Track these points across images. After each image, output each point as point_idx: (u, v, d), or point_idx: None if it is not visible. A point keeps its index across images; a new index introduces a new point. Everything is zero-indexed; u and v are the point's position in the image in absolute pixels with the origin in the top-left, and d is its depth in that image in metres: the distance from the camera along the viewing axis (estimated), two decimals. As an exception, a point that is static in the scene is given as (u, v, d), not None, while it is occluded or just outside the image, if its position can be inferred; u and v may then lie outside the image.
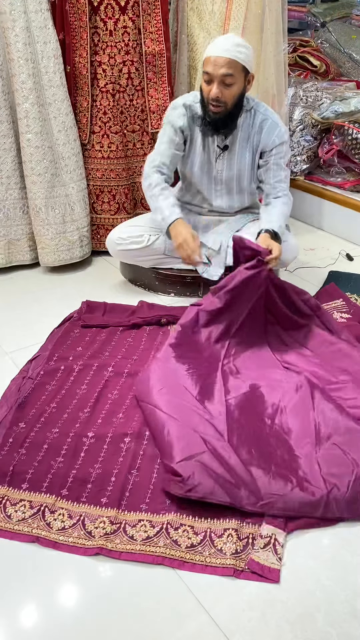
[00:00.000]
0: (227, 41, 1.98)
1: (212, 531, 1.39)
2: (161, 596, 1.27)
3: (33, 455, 1.57)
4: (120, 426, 1.67)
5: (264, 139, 2.16)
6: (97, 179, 2.71)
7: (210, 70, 1.98)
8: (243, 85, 2.04)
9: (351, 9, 4.39)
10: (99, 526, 1.39)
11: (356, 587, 1.30)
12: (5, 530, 1.39)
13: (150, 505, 1.44)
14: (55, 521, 1.41)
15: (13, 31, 2.30)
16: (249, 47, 2.01)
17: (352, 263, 2.85)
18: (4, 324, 2.30)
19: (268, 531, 1.38)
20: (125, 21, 2.46)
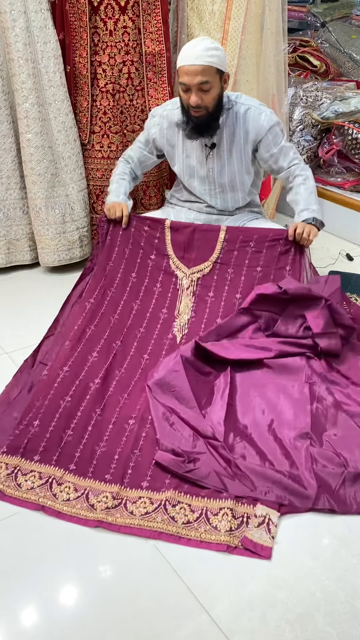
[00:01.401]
0: (196, 47, 1.98)
1: (208, 509, 1.45)
2: (161, 596, 1.27)
3: (45, 427, 1.65)
4: (125, 408, 1.74)
5: (252, 128, 2.16)
6: (97, 179, 2.71)
7: (186, 81, 2.00)
8: (220, 86, 2.05)
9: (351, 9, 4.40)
10: (101, 500, 1.47)
11: (356, 587, 1.30)
12: (15, 498, 1.49)
13: (150, 483, 1.52)
14: (61, 493, 1.49)
15: (13, 31, 2.30)
16: (219, 48, 2.01)
17: (352, 263, 2.86)
18: (4, 324, 2.30)
19: (262, 511, 1.44)
20: (125, 21, 2.46)
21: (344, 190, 3.20)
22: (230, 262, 2.13)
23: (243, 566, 1.34)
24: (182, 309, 2.11)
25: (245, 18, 2.59)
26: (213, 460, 1.55)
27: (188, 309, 2.10)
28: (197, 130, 2.12)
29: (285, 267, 2.08)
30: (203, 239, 2.17)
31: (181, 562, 1.35)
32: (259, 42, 2.69)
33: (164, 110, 2.25)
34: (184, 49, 2.01)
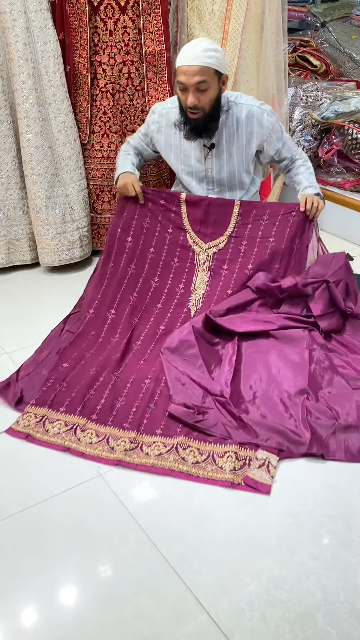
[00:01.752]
0: (195, 48, 1.98)
1: (214, 453, 1.64)
2: (161, 596, 1.27)
3: (71, 389, 1.85)
4: (142, 371, 1.93)
5: (257, 129, 2.17)
6: (97, 179, 2.71)
7: (183, 80, 2.00)
8: (218, 88, 2.05)
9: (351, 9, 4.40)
10: (120, 444, 1.66)
11: (356, 587, 1.30)
12: (43, 441, 1.68)
13: (164, 430, 1.71)
14: (84, 437, 1.69)
15: (13, 31, 2.30)
16: (219, 49, 2.01)
17: (352, 263, 2.85)
18: (4, 324, 2.30)
19: (263, 455, 1.62)
20: (125, 21, 2.46)
21: (344, 190, 3.20)
22: (244, 234, 2.22)
23: (243, 566, 1.34)
24: (197, 284, 2.22)
25: (245, 18, 2.59)
26: (220, 414, 1.73)
27: (203, 284, 2.22)
28: (194, 131, 2.13)
29: (295, 239, 2.17)
30: (218, 213, 2.24)
31: (181, 562, 1.35)
32: (259, 42, 2.69)
33: (163, 109, 2.26)
34: (184, 49, 2.01)
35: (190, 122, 2.10)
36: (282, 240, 2.17)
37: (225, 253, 2.22)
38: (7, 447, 1.69)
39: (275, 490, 1.55)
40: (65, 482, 1.57)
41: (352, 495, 1.54)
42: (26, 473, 1.60)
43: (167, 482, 1.57)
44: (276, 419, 1.73)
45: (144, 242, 2.27)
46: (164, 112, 2.25)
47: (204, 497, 1.53)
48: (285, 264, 2.17)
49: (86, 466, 1.62)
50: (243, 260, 2.19)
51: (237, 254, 2.21)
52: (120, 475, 1.59)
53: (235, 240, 2.22)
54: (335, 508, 1.50)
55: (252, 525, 1.45)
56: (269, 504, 1.51)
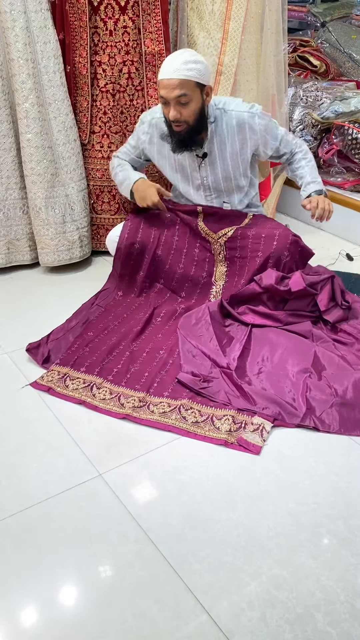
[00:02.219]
0: (175, 61, 1.95)
1: (214, 415, 1.79)
2: (161, 596, 1.27)
3: (93, 353, 2.04)
4: (158, 343, 2.11)
5: (251, 134, 2.15)
6: (97, 179, 2.71)
7: (163, 94, 1.99)
8: (201, 100, 2.03)
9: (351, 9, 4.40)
10: (130, 402, 1.83)
11: (356, 587, 1.30)
12: (62, 394, 1.87)
13: (171, 394, 1.86)
14: (99, 394, 1.87)
15: (13, 31, 2.30)
16: (200, 61, 1.98)
17: (352, 263, 2.86)
18: (4, 324, 2.30)
19: (258, 421, 1.76)
20: (125, 21, 2.46)
21: (344, 190, 3.20)
22: (253, 226, 2.29)
23: (243, 566, 1.34)
24: (218, 277, 2.33)
25: (245, 18, 2.58)
26: (224, 383, 1.89)
27: (223, 275, 2.32)
28: (181, 144, 2.11)
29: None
30: (231, 219, 2.34)
31: (181, 562, 1.35)
32: (259, 42, 2.69)
33: (152, 118, 2.23)
34: (165, 61, 1.99)
35: (176, 135, 2.08)
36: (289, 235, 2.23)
37: (235, 240, 2.27)
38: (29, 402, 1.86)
39: (275, 490, 1.55)
40: (65, 482, 1.57)
41: (352, 495, 1.54)
42: (26, 473, 1.60)
43: (167, 482, 1.57)
44: (276, 393, 1.86)
45: (167, 232, 2.34)
46: (154, 123, 2.23)
47: (204, 497, 1.53)
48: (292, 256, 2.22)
49: (86, 466, 1.62)
50: (252, 245, 2.25)
51: (246, 240, 2.25)
52: (120, 475, 1.59)
53: (242, 230, 2.27)
54: (335, 508, 1.50)
55: (252, 525, 1.45)
56: (269, 504, 1.51)
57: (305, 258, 2.27)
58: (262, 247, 2.20)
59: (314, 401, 1.83)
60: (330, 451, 1.69)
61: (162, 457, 1.66)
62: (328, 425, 1.76)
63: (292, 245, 2.20)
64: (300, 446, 1.70)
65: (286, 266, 2.20)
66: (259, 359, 2.02)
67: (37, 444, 1.70)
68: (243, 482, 1.57)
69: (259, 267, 2.21)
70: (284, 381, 1.91)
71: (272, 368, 1.98)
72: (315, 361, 1.98)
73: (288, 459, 1.65)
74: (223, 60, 2.61)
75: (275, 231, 2.21)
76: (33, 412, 1.83)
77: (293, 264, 2.22)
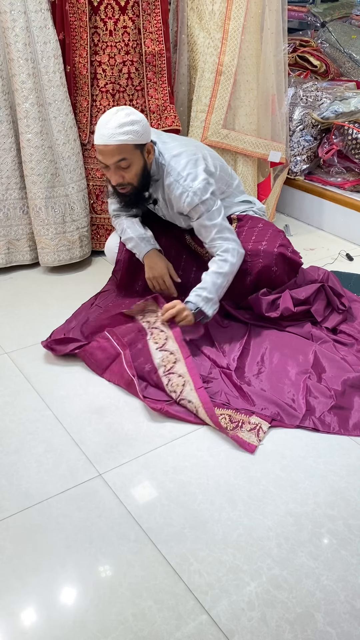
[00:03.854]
0: (108, 125, 1.85)
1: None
2: (161, 596, 1.27)
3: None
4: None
5: (175, 203, 2.06)
6: (97, 179, 2.71)
7: (102, 160, 1.90)
8: (142, 160, 1.94)
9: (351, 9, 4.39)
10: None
11: (356, 587, 1.30)
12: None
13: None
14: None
15: (13, 31, 2.30)
16: (137, 121, 1.87)
17: (352, 263, 2.86)
18: (4, 324, 2.30)
19: (256, 420, 1.77)
20: (125, 21, 2.46)
21: (344, 190, 3.20)
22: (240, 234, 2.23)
23: (243, 566, 1.34)
24: None
25: (245, 18, 2.58)
26: (223, 384, 1.90)
27: None
28: (129, 205, 2.06)
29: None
30: None
31: (181, 562, 1.35)
32: (259, 42, 2.69)
33: None
34: (98, 123, 1.89)
35: (122, 197, 2.03)
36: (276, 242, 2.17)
37: None
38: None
39: (275, 490, 1.55)
40: (65, 482, 1.57)
41: (352, 495, 1.54)
42: (26, 473, 1.60)
43: (167, 482, 1.57)
44: (275, 393, 1.87)
45: (165, 240, 2.29)
46: None
47: (205, 497, 1.53)
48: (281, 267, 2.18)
49: (86, 466, 1.62)
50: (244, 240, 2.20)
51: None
52: (120, 475, 1.59)
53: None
54: (335, 508, 1.50)
55: (252, 525, 1.45)
56: (269, 504, 1.51)
57: (295, 268, 2.22)
58: (250, 264, 2.15)
59: (314, 402, 1.83)
60: (330, 451, 1.69)
61: (162, 457, 1.65)
62: (328, 425, 1.77)
63: (279, 259, 2.15)
64: (300, 446, 1.70)
65: (277, 279, 2.19)
66: (259, 359, 2.03)
67: (37, 444, 1.70)
68: (243, 482, 1.57)
69: (252, 284, 2.19)
70: (284, 382, 1.91)
71: (271, 369, 1.98)
72: (315, 362, 1.99)
73: (288, 459, 1.65)
74: (223, 60, 2.61)
75: (260, 247, 2.15)
76: (33, 412, 1.83)
77: (284, 276, 2.20)
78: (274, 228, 2.26)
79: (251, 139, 2.78)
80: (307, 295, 2.17)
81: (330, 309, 2.23)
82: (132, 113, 1.89)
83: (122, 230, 2.23)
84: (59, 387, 1.93)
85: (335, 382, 1.89)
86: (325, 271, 2.29)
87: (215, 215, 2.04)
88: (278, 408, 1.81)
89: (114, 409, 1.84)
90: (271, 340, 2.11)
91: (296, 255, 2.21)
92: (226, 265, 2.03)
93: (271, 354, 2.04)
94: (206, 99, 2.66)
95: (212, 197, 2.02)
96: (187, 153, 2.04)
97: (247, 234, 2.22)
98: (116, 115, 1.87)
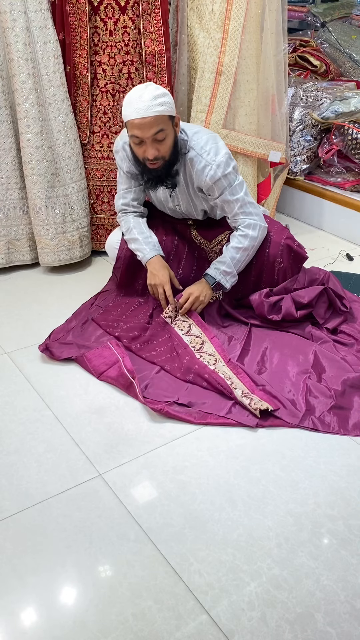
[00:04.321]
0: (143, 98, 1.85)
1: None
2: (161, 596, 1.27)
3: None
4: (158, 343, 2.10)
5: (196, 178, 2.06)
6: (97, 179, 2.71)
7: (138, 134, 1.88)
8: (174, 133, 1.95)
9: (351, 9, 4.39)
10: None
11: (356, 587, 1.30)
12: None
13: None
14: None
15: (13, 31, 2.30)
16: (166, 93, 1.90)
17: (352, 263, 2.86)
18: (4, 324, 2.30)
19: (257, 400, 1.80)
20: (125, 21, 2.46)
21: (344, 190, 3.20)
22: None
23: (243, 566, 1.34)
24: None
25: (245, 18, 2.58)
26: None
27: None
28: (156, 181, 2.04)
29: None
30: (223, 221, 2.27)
31: (181, 562, 1.35)
32: (259, 42, 2.69)
33: (124, 143, 2.10)
34: (129, 100, 1.88)
35: (151, 173, 2.00)
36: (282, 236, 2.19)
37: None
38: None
39: (275, 490, 1.55)
40: (65, 482, 1.57)
41: (352, 495, 1.54)
42: (26, 473, 1.60)
43: (167, 482, 1.57)
44: (277, 391, 1.87)
45: (167, 238, 2.31)
46: (127, 149, 2.10)
47: (205, 497, 1.53)
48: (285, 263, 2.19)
49: (86, 466, 1.62)
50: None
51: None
52: (120, 475, 1.59)
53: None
54: (335, 508, 1.50)
55: (252, 525, 1.45)
56: (269, 504, 1.51)
57: (299, 262, 2.22)
58: (257, 253, 2.17)
59: (314, 402, 1.84)
60: (330, 451, 1.69)
61: (162, 457, 1.66)
62: (328, 425, 1.77)
63: (285, 250, 2.15)
64: (300, 446, 1.71)
65: (280, 271, 2.19)
66: (259, 359, 2.03)
67: (37, 444, 1.70)
68: (243, 482, 1.57)
69: (255, 274, 2.20)
70: (284, 382, 1.92)
71: (271, 369, 1.98)
72: (315, 362, 1.99)
73: (288, 459, 1.65)
74: (223, 60, 2.61)
75: (268, 236, 2.17)
76: (33, 412, 1.83)
77: (288, 269, 2.20)
78: (279, 224, 2.28)
79: (251, 139, 2.78)
80: (310, 299, 2.16)
81: (331, 311, 2.23)
82: (159, 87, 1.92)
83: (127, 228, 2.23)
84: (59, 387, 1.94)
85: (335, 382, 1.89)
86: (326, 272, 2.29)
87: (238, 190, 2.06)
88: (280, 404, 1.82)
89: (114, 409, 1.84)
90: (271, 340, 2.11)
91: (302, 249, 2.22)
92: (246, 240, 2.09)
93: (271, 354, 2.04)
94: (206, 99, 2.66)
95: (233, 172, 2.05)
96: (205, 131, 2.09)
97: None
98: (147, 89, 1.89)
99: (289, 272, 2.20)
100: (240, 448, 1.69)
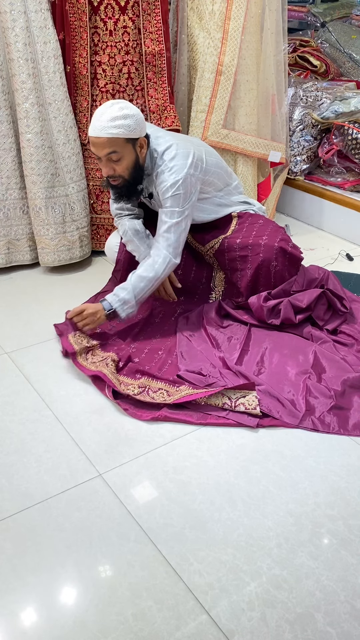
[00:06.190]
0: (102, 117, 1.86)
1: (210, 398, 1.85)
2: (161, 596, 1.27)
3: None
4: (157, 343, 2.11)
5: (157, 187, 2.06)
6: (97, 179, 2.71)
7: (93, 151, 1.93)
8: (134, 154, 1.94)
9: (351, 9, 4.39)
10: (130, 388, 1.87)
11: (356, 587, 1.30)
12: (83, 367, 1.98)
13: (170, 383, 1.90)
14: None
15: (13, 31, 2.30)
16: (130, 115, 1.87)
17: (352, 263, 2.86)
18: (4, 324, 2.30)
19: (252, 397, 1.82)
20: (125, 21, 2.46)
21: (344, 190, 3.20)
22: (239, 235, 2.23)
23: (243, 566, 1.34)
24: (217, 282, 2.32)
25: (245, 18, 2.58)
26: (222, 381, 1.89)
27: (222, 282, 2.32)
28: (120, 197, 2.07)
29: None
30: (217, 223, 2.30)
31: (181, 562, 1.35)
32: (259, 42, 2.69)
33: None
34: (94, 114, 1.91)
35: (114, 189, 2.04)
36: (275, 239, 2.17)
37: (223, 253, 2.23)
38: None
39: (275, 490, 1.55)
40: (65, 482, 1.57)
41: (352, 495, 1.54)
42: (26, 473, 1.60)
43: (167, 482, 1.57)
44: (276, 391, 1.87)
45: None
46: None
47: (205, 497, 1.53)
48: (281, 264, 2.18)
49: (86, 466, 1.62)
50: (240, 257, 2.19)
51: (234, 253, 2.20)
52: (120, 475, 1.59)
53: (228, 240, 2.22)
54: (335, 508, 1.50)
55: (252, 525, 1.45)
56: (269, 504, 1.51)
57: (295, 263, 2.21)
58: (250, 258, 2.16)
59: (314, 402, 1.83)
60: (330, 451, 1.69)
61: (162, 457, 1.66)
62: (328, 425, 1.77)
63: (279, 253, 2.14)
64: (300, 446, 1.71)
65: (277, 274, 2.18)
66: (258, 359, 2.03)
67: (37, 444, 1.70)
68: (243, 482, 1.57)
69: (251, 278, 2.19)
70: (284, 382, 1.91)
71: (271, 369, 1.98)
72: (315, 362, 1.99)
73: (288, 459, 1.65)
74: (223, 60, 2.61)
75: (261, 240, 2.15)
76: (33, 412, 1.83)
77: (284, 271, 2.18)
78: (274, 224, 2.27)
79: (251, 139, 2.78)
80: (309, 302, 2.15)
81: (330, 312, 2.22)
82: (126, 107, 1.90)
83: (124, 231, 2.23)
84: (59, 387, 1.94)
85: (335, 382, 1.89)
86: (326, 271, 2.29)
87: (175, 216, 2.03)
88: (278, 404, 1.82)
89: (114, 409, 1.84)
90: (271, 341, 2.11)
91: (297, 250, 2.21)
92: (152, 271, 2.04)
93: (271, 354, 2.04)
94: (206, 99, 2.66)
95: (184, 196, 2.01)
96: (177, 146, 2.04)
97: (248, 230, 2.23)
98: (110, 108, 1.89)
99: (285, 274, 2.19)
100: (240, 448, 1.69)
